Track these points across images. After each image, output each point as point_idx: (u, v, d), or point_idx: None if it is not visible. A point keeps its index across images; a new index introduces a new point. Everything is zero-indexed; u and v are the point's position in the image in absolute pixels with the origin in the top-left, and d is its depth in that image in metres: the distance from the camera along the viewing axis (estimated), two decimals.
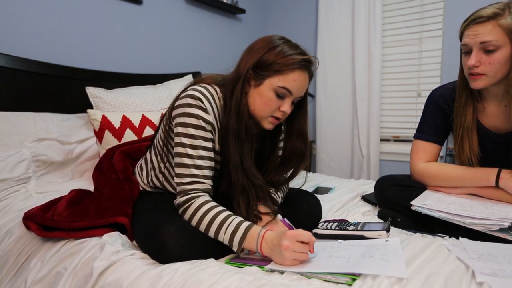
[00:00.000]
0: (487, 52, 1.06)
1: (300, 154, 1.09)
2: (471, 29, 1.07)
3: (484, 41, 1.04)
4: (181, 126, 0.96)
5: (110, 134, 1.51)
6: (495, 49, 1.04)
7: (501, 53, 1.04)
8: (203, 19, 2.59)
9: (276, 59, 0.94)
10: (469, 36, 1.07)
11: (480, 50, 1.06)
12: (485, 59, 1.06)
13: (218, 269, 0.81)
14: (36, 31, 1.73)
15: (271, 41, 0.98)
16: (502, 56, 1.04)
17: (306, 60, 0.97)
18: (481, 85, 1.10)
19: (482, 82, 1.09)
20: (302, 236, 0.79)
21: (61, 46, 1.82)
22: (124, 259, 0.89)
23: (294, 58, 0.95)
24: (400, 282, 0.72)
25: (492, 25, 1.04)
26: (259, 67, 0.96)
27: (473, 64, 1.07)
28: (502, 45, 1.04)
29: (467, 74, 1.13)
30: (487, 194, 1.16)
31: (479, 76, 1.08)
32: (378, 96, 2.54)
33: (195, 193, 0.94)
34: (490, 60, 1.05)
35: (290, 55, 0.95)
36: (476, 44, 1.06)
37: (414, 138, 1.35)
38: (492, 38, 1.03)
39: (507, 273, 0.71)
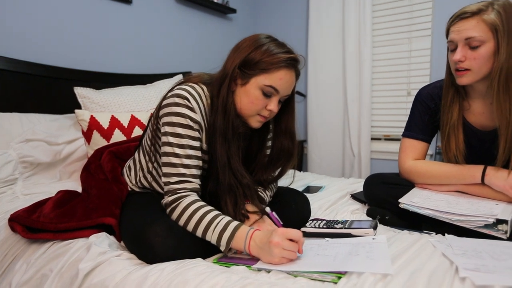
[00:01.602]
0: (472, 48, 1.08)
1: (287, 152, 1.10)
2: (457, 25, 1.10)
3: (468, 37, 1.07)
4: (168, 126, 0.95)
5: (98, 135, 1.49)
6: (480, 45, 1.07)
7: (485, 48, 1.07)
8: (193, 18, 2.58)
9: (262, 58, 0.95)
10: (455, 32, 1.10)
11: (465, 46, 1.09)
12: (470, 54, 1.08)
13: (205, 268, 0.81)
14: (23, 31, 1.71)
15: (257, 39, 0.98)
16: (486, 52, 1.07)
17: (292, 59, 0.97)
18: (467, 81, 1.12)
19: (468, 78, 1.11)
20: (292, 234, 0.79)
21: (49, 45, 1.80)
22: (110, 260, 0.88)
23: (280, 57, 0.95)
24: (384, 278, 0.72)
25: (476, 21, 1.06)
26: (245, 65, 0.96)
27: (458, 59, 1.09)
28: (486, 41, 1.06)
29: (453, 71, 1.15)
30: (473, 191, 1.18)
31: (464, 72, 1.10)
32: (368, 96, 2.56)
33: (183, 193, 0.94)
34: (475, 55, 1.08)
35: (276, 53, 0.95)
36: (461, 40, 1.09)
37: (403, 136, 1.36)
38: (476, 33, 1.06)
39: (489, 268, 0.72)
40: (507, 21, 1.05)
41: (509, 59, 1.05)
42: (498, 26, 1.05)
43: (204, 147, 1.02)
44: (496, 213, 1.00)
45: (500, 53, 1.05)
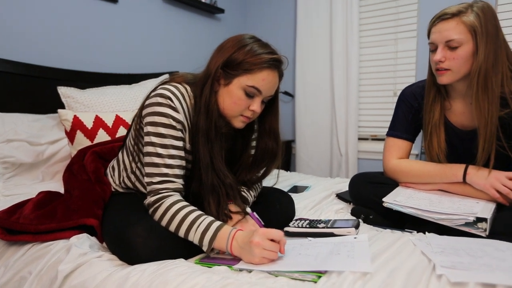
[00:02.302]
0: (451, 49, 1.10)
1: (271, 153, 1.10)
2: (437, 26, 1.12)
3: (448, 40, 1.09)
4: (151, 125, 0.95)
5: (82, 135, 1.47)
6: (459, 46, 1.09)
7: (464, 49, 1.09)
8: (181, 18, 2.57)
9: (245, 58, 0.94)
10: (435, 33, 1.13)
11: (445, 47, 1.11)
12: (450, 54, 1.11)
13: (186, 269, 0.81)
14: (5, 29, 1.68)
15: (241, 40, 0.98)
16: (465, 52, 1.09)
17: (275, 59, 0.97)
18: (447, 80, 1.14)
19: (448, 77, 1.13)
20: (273, 234, 0.79)
21: (32, 44, 1.77)
22: (91, 261, 0.87)
23: (263, 57, 0.95)
24: (364, 277, 0.73)
25: (456, 22, 1.09)
26: (228, 66, 0.96)
27: (438, 59, 1.12)
28: (464, 42, 1.09)
29: (434, 70, 1.17)
30: (455, 190, 1.19)
31: (444, 71, 1.13)
32: (355, 96, 2.58)
33: (166, 193, 0.93)
34: (454, 56, 1.10)
35: (259, 54, 0.95)
36: (441, 41, 1.11)
37: (387, 135, 1.38)
38: (455, 35, 1.08)
39: (465, 266, 0.73)
40: (485, 23, 1.08)
41: (487, 60, 1.08)
42: (477, 27, 1.07)
43: (187, 147, 1.01)
44: (476, 211, 1.02)
45: (479, 54, 1.07)
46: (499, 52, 1.10)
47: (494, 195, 1.07)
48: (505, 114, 1.11)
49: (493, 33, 1.09)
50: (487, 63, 1.08)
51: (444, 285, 0.69)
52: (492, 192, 1.08)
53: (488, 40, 1.07)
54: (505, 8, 2.11)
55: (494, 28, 1.09)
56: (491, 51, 1.08)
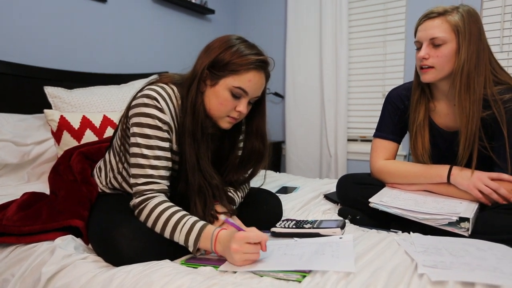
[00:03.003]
0: (435, 46, 1.13)
1: (258, 154, 1.10)
2: (423, 25, 1.16)
3: (433, 37, 1.12)
4: (137, 126, 0.94)
5: (68, 135, 1.46)
6: (442, 44, 1.12)
7: (447, 48, 1.12)
8: (171, 18, 2.56)
9: (232, 59, 0.95)
10: (421, 31, 1.16)
11: (430, 45, 1.14)
12: (434, 52, 1.13)
13: (171, 270, 0.81)
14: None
15: (228, 40, 0.98)
16: (448, 51, 1.12)
17: (261, 61, 0.97)
18: (430, 78, 1.16)
19: (431, 75, 1.15)
20: (251, 238, 0.79)
21: (19, 43, 1.75)
22: (75, 263, 0.86)
23: (249, 58, 0.95)
24: (347, 277, 0.74)
25: (441, 20, 1.12)
26: (214, 66, 0.96)
27: (422, 56, 1.14)
28: (448, 41, 1.12)
29: (418, 68, 1.20)
30: (440, 191, 1.21)
31: (428, 69, 1.15)
32: (345, 97, 2.60)
33: (150, 194, 0.93)
34: (438, 54, 1.13)
35: (246, 55, 0.95)
36: (426, 39, 1.14)
37: (374, 136, 1.40)
38: (439, 33, 1.11)
39: (446, 265, 0.75)
40: (468, 25, 1.11)
41: (470, 60, 1.10)
42: (460, 27, 1.10)
43: (174, 148, 1.01)
44: (459, 211, 1.04)
45: (461, 53, 1.10)
46: (481, 55, 1.12)
47: (477, 196, 1.09)
48: (487, 116, 1.13)
49: (476, 35, 1.11)
50: (470, 63, 1.10)
51: (425, 284, 0.70)
52: (475, 192, 1.10)
53: (471, 41, 1.10)
54: (489, 13, 2.15)
55: (478, 31, 1.12)
56: (473, 52, 1.10)
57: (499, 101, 1.11)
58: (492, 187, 1.08)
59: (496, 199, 1.08)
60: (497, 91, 1.13)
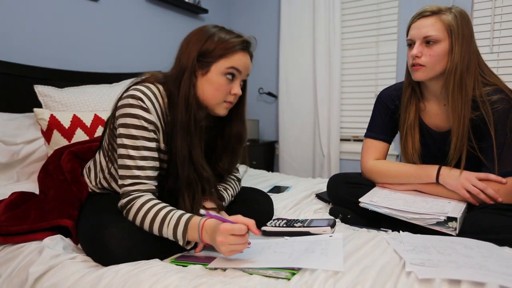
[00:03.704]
0: (428, 44, 1.14)
1: (240, 136, 1.12)
2: (417, 23, 1.16)
3: (426, 36, 1.13)
4: (123, 127, 0.94)
5: (59, 134, 1.45)
6: (435, 42, 1.13)
7: (440, 47, 1.12)
8: (163, 18, 2.55)
9: (217, 46, 0.96)
10: (414, 29, 1.16)
11: (423, 43, 1.15)
12: (426, 51, 1.14)
13: (161, 269, 0.81)
14: None
15: (206, 30, 1.00)
16: (441, 50, 1.13)
17: (245, 41, 1.00)
18: (421, 77, 1.17)
19: (422, 73, 1.16)
20: (235, 230, 0.79)
21: (9, 42, 1.73)
22: (63, 263, 0.86)
23: (233, 41, 0.98)
24: (335, 275, 0.74)
25: (435, 19, 1.13)
26: (202, 56, 0.98)
27: (415, 54, 1.15)
28: (441, 39, 1.12)
29: (409, 66, 1.20)
30: (429, 191, 1.22)
31: (420, 67, 1.16)
32: (338, 97, 2.61)
33: (137, 193, 0.93)
34: (430, 52, 1.13)
35: (229, 39, 0.98)
36: (419, 37, 1.14)
37: (365, 136, 1.41)
38: (433, 32, 1.12)
39: (433, 263, 0.76)
40: (461, 25, 1.12)
41: (462, 61, 1.12)
42: (453, 27, 1.11)
43: (162, 147, 1.01)
44: (447, 211, 1.05)
45: (454, 53, 1.11)
46: (472, 56, 1.14)
47: (465, 195, 1.11)
48: (476, 117, 1.14)
49: (468, 36, 1.13)
50: (462, 63, 1.11)
51: (412, 282, 0.70)
52: (462, 192, 1.11)
53: (463, 42, 1.11)
54: (480, 14, 2.18)
55: (469, 33, 1.14)
56: (466, 53, 1.12)
57: (487, 102, 1.12)
58: (480, 187, 1.09)
59: (483, 199, 1.09)
60: (486, 92, 1.14)
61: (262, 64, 2.95)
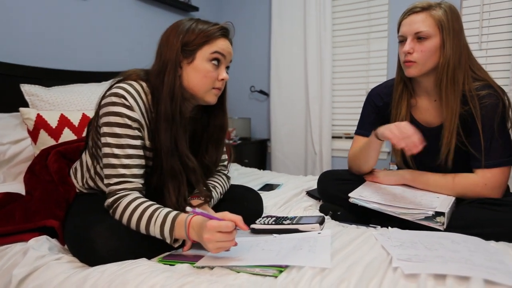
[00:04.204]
0: (419, 40, 1.14)
1: (221, 125, 1.12)
2: (407, 19, 1.16)
3: (417, 31, 1.13)
4: (106, 126, 0.93)
5: (46, 134, 1.43)
6: (427, 38, 1.13)
7: (431, 42, 1.13)
8: (153, 16, 2.53)
9: (198, 35, 0.97)
10: (405, 25, 1.17)
11: (414, 39, 1.15)
12: (418, 47, 1.14)
13: (147, 268, 0.80)
14: None
15: (184, 23, 1.00)
16: (432, 45, 1.13)
17: (223, 28, 1.01)
18: (414, 72, 1.17)
19: (415, 69, 1.16)
20: (222, 228, 0.79)
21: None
22: (48, 264, 0.84)
23: (213, 29, 0.99)
24: (322, 271, 0.74)
25: (425, 15, 1.13)
26: (185, 46, 0.98)
27: (407, 51, 1.15)
28: (432, 35, 1.13)
29: (402, 63, 1.21)
30: (418, 185, 1.23)
31: (412, 63, 1.16)
32: (329, 95, 2.62)
33: (123, 192, 0.92)
34: (422, 48, 1.14)
35: (207, 28, 0.99)
36: (411, 33, 1.15)
37: (354, 134, 1.41)
38: (424, 28, 1.12)
39: (420, 258, 0.76)
40: (451, 20, 1.13)
41: (454, 55, 1.12)
42: (444, 23, 1.12)
43: (147, 144, 1.00)
44: (435, 206, 1.05)
45: (446, 48, 1.12)
46: (463, 51, 1.14)
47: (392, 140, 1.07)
48: (465, 111, 1.15)
49: (458, 31, 1.14)
50: (454, 58, 1.12)
51: (399, 277, 0.70)
52: (387, 133, 1.08)
53: (454, 37, 1.12)
54: (469, 11, 2.19)
55: (459, 28, 1.14)
56: (457, 48, 1.13)
57: (476, 97, 1.13)
58: (408, 133, 1.05)
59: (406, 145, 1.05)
60: (475, 87, 1.14)
61: (253, 62, 2.94)
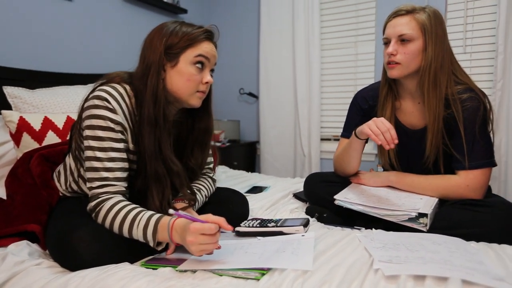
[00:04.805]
0: (403, 42, 1.16)
1: (206, 128, 1.12)
2: (392, 21, 1.19)
3: (401, 34, 1.15)
4: (89, 129, 0.92)
5: (29, 137, 1.40)
6: (410, 41, 1.15)
7: (414, 45, 1.15)
8: (141, 18, 2.51)
9: (182, 38, 0.97)
10: (390, 27, 1.19)
11: (398, 41, 1.17)
12: (401, 49, 1.16)
13: (129, 272, 0.79)
14: None
15: (168, 26, 1.00)
16: (415, 48, 1.15)
17: (207, 31, 1.01)
18: (397, 74, 1.19)
19: (398, 71, 1.18)
20: (205, 230, 0.79)
21: None
22: (28, 269, 0.83)
23: (197, 32, 0.99)
24: (304, 274, 0.74)
25: (409, 18, 1.16)
26: (168, 49, 0.97)
27: (390, 52, 1.17)
28: (415, 38, 1.15)
29: (385, 64, 1.22)
30: (403, 186, 1.24)
31: (395, 65, 1.18)
32: (318, 97, 2.63)
33: (106, 196, 0.91)
34: (405, 50, 1.16)
35: (191, 31, 0.98)
36: (395, 36, 1.17)
37: (340, 136, 1.42)
38: (408, 31, 1.15)
39: (401, 259, 0.76)
40: (435, 24, 1.15)
41: (436, 59, 1.14)
42: (427, 26, 1.14)
43: (131, 147, 0.99)
44: (418, 207, 1.07)
45: (428, 51, 1.14)
46: (445, 55, 1.17)
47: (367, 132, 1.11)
48: (448, 114, 1.17)
49: (441, 36, 1.16)
50: (436, 61, 1.14)
51: (379, 279, 0.71)
52: (366, 130, 1.11)
53: (437, 41, 1.14)
54: (453, 15, 2.23)
55: (442, 32, 1.17)
56: (439, 51, 1.15)
57: (458, 100, 1.15)
58: (382, 130, 1.08)
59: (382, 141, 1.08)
60: (457, 91, 1.17)
61: (242, 64, 2.94)
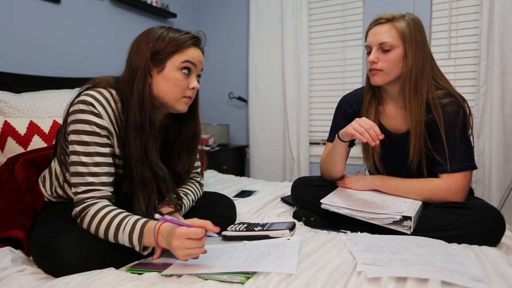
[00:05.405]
0: (384, 51, 1.18)
1: (193, 133, 1.12)
2: (373, 30, 1.21)
3: (382, 42, 1.18)
4: (74, 134, 0.92)
5: (13, 141, 1.39)
6: (390, 49, 1.18)
7: (395, 52, 1.18)
8: (130, 22, 2.51)
9: (168, 44, 0.97)
10: (371, 35, 1.21)
11: (379, 49, 1.19)
12: (383, 57, 1.19)
13: (114, 277, 0.79)
14: None
15: (155, 31, 1.00)
16: (396, 55, 1.18)
17: (195, 37, 1.01)
18: (379, 81, 1.21)
19: (380, 78, 1.21)
20: (191, 234, 0.79)
21: None
22: (10, 276, 0.82)
23: (184, 37, 0.99)
24: (289, 277, 0.75)
25: (389, 27, 1.18)
26: (155, 55, 0.97)
27: (372, 60, 1.20)
28: (395, 46, 1.17)
29: (368, 71, 1.25)
30: (388, 190, 1.26)
31: (377, 72, 1.20)
32: (306, 101, 2.66)
33: (91, 201, 0.91)
34: (386, 58, 1.18)
35: (178, 36, 0.99)
36: (375, 44, 1.19)
37: (326, 141, 1.44)
38: (387, 39, 1.17)
39: (383, 262, 0.78)
40: (414, 32, 1.18)
41: (416, 65, 1.17)
42: (406, 34, 1.17)
43: (117, 152, 0.99)
44: (402, 210, 1.09)
45: (408, 59, 1.17)
46: (425, 61, 1.19)
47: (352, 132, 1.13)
48: (429, 119, 1.20)
49: (420, 42, 1.18)
50: (417, 68, 1.17)
51: (362, 281, 0.72)
52: (350, 130, 1.13)
53: (417, 48, 1.17)
54: (438, 22, 2.28)
55: (422, 39, 1.19)
56: (419, 58, 1.17)
57: (439, 105, 1.18)
58: (365, 127, 1.10)
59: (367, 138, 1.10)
60: (437, 95, 1.19)
61: (232, 69, 2.96)
